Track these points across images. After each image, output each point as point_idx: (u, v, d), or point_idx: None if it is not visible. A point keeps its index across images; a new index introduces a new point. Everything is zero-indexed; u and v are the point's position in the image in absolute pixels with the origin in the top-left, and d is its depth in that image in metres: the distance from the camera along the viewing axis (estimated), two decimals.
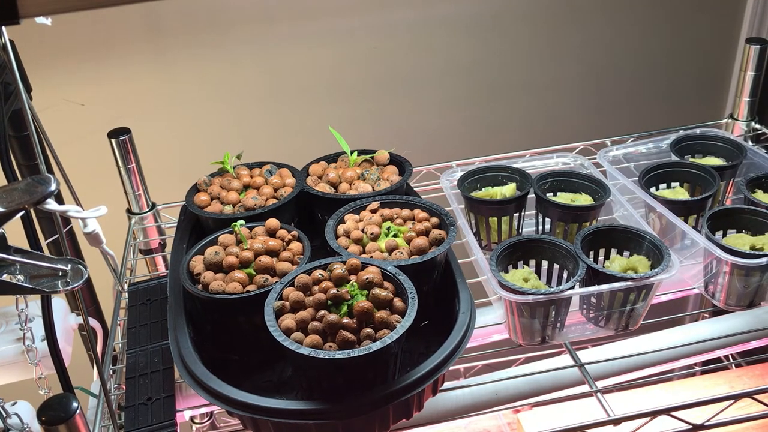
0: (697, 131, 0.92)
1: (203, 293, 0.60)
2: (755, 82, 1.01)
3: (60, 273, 0.50)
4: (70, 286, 0.49)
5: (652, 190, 0.82)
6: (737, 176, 0.85)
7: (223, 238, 0.65)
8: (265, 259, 0.61)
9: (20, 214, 0.47)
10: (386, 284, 0.57)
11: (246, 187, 0.76)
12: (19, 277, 0.49)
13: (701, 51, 1.36)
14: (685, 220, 0.76)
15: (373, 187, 0.74)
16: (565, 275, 0.68)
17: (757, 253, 0.67)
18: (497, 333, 0.73)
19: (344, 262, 0.58)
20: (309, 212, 0.76)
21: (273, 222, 0.67)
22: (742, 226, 0.73)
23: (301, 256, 0.64)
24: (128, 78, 1.11)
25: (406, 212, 0.68)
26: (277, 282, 0.58)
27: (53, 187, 0.48)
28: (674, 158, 0.87)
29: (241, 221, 0.65)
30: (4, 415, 0.64)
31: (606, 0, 1.26)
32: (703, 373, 1.13)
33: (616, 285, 0.62)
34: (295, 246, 0.65)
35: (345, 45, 1.15)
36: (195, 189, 0.77)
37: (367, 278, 0.56)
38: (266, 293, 0.57)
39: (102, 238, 0.69)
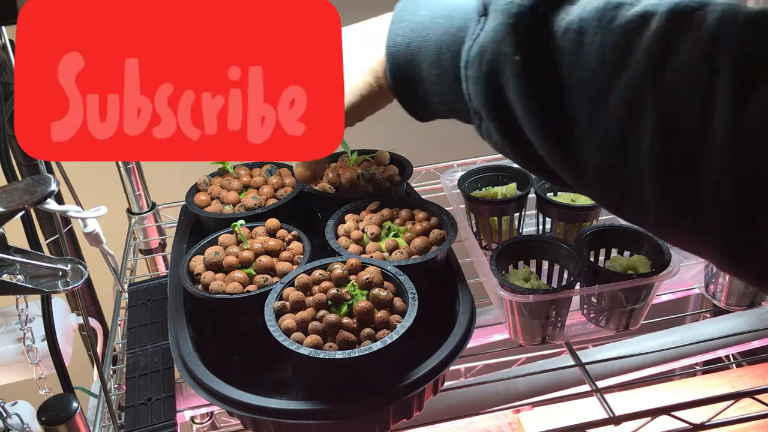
0: None
1: (203, 293, 0.60)
2: None
3: (60, 273, 0.50)
4: (70, 286, 0.49)
5: None
6: None
7: (223, 238, 0.65)
8: (265, 259, 0.61)
9: (20, 214, 0.47)
10: (386, 284, 0.57)
11: (246, 187, 0.76)
12: (19, 277, 0.49)
13: None
14: None
15: (373, 187, 0.74)
16: (565, 275, 0.68)
17: None
18: (497, 333, 0.73)
19: (344, 262, 0.58)
20: (309, 212, 0.76)
21: (273, 222, 0.67)
22: None
23: (301, 256, 0.64)
24: None
25: (406, 212, 0.68)
26: (277, 282, 0.58)
27: (53, 187, 0.48)
28: None
29: (241, 221, 0.65)
30: (4, 415, 0.64)
31: None
32: (704, 372, 1.13)
33: (617, 285, 0.62)
34: (295, 246, 0.65)
35: None
36: (195, 189, 0.77)
37: (367, 278, 0.56)
38: (266, 293, 0.57)
39: (102, 238, 0.70)
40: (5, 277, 0.48)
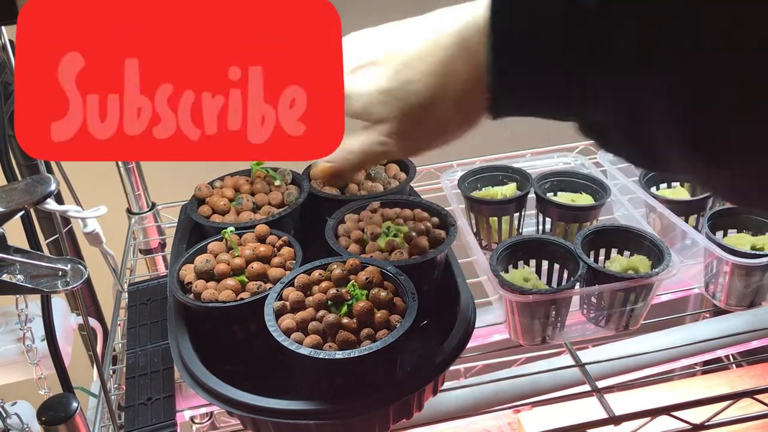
0: None
1: (195, 302, 0.59)
2: None
3: (60, 273, 0.50)
4: (70, 286, 0.49)
5: (653, 189, 0.82)
6: None
7: (213, 246, 0.64)
8: (257, 266, 0.60)
9: (20, 214, 0.47)
10: (386, 284, 0.57)
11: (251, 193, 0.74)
12: (18, 277, 0.49)
13: None
14: (686, 220, 0.76)
15: (384, 187, 0.74)
16: (565, 275, 0.68)
17: (757, 252, 0.67)
18: (497, 333, 0.73)
19: (344, 262, 0.58)
20: (316, 215, 0.75)
21: (262, 228, 0.66)
22: (742, 225, 0.73)
23: (293, 261, 0.63)
24: None
25: (406, 212, 0.68)
26: (270, 288, 0.58)
27: (53, 187, 0.48)
28: None
29: (231, 228, 0.64)
30: (4, 415, 0.64)
31: None
32: (704, 373, 1.13)
33: (617, 285, 0.62)
34: (287, 251, 0.64)
35: None
36: (218, 180, 0.76)
37: (367, 278, 0.56)
38: (260, 300, 0.56)
39: (102, 238, 0.70)
40: (5, 277, 0.48)
